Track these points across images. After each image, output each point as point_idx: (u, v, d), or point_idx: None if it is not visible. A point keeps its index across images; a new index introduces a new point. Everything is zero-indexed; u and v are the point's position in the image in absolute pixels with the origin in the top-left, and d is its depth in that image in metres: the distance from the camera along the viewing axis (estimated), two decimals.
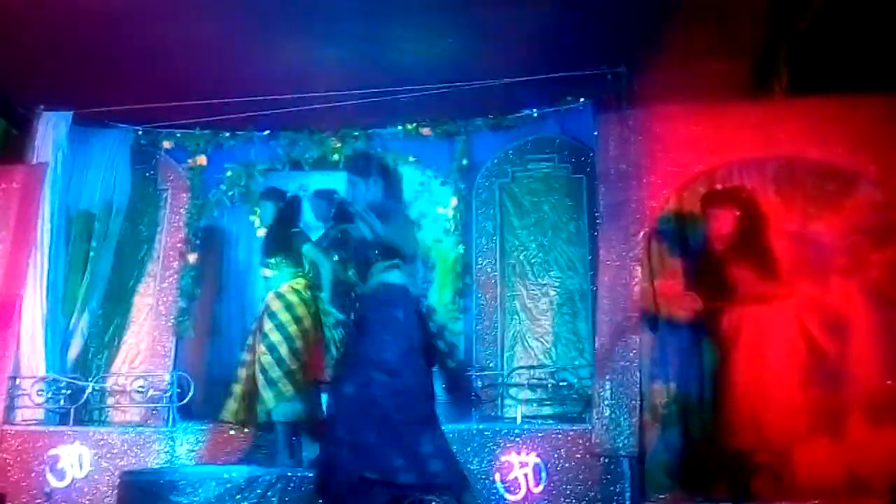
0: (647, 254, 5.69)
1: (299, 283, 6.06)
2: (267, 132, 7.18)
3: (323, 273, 5.90)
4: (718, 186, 5.74)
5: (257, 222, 7.28)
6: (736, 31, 5.91)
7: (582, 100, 6.60)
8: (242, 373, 5.97)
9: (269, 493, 4.93)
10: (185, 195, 7.07)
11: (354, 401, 4.37)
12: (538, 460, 5.41)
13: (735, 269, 5.26)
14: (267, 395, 5.68)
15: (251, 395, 5.87)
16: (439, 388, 5.69)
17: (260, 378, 5.73)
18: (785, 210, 5.71)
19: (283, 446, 5.70)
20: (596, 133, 6.07)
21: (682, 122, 5.78)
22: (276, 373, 5.70)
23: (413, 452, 4.29)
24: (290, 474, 5.05)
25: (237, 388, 5.95)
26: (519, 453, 5.44)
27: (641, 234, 5.65)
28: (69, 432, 5.91)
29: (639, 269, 5.58)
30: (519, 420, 5.86)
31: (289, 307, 5.92)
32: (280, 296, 5.98)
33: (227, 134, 7.16)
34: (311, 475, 4.94)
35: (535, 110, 6.80)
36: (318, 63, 6.28)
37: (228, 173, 7.13)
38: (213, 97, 6.54)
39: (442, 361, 5.58)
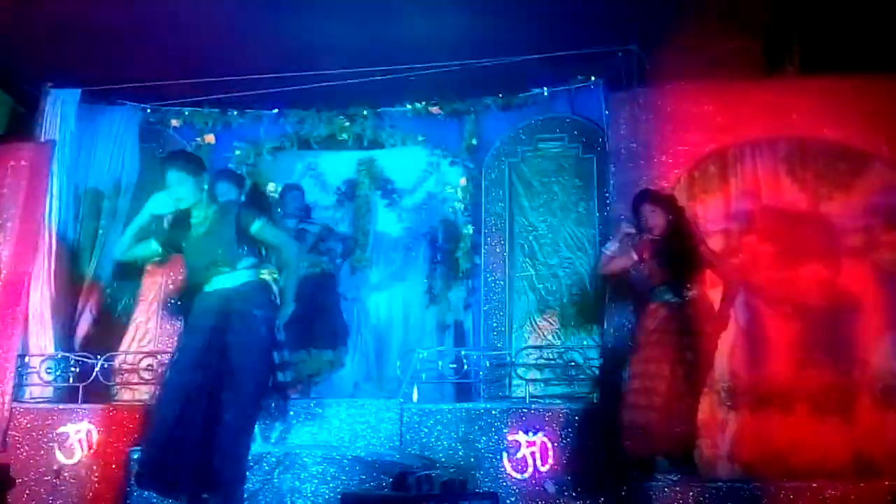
0: None
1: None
2: (275, 111, 7.16)
3: None
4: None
5: None
6: (748, 10, 5.88)
7: (592, 79, 6.58)
8: None
9: (276, 471, 4.95)
10: None
11: None
12: (545, 440, 5.40)
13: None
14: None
15: None
16: None
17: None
18: (796, 190, 5.68)
19: None
20: (606, 112, 6.06)
21: (694, 102, 5.75)
22: None
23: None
24: (297, 452, 5.06)
25: None
26: (526, 433, 5.43)
27: None
28: (78, 410, 5.91)
29: None
30: (527, 400, 5.85)
31: None
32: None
33: (236, 112, 7.15)
34: (317, 452, 4.98)
35: (545, 89, 6.78)
36: (326, 41, 6.26)
37: (237, 152, 7.12)
38: (221, 75, 6.53)
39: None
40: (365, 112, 7.09)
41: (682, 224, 5.16)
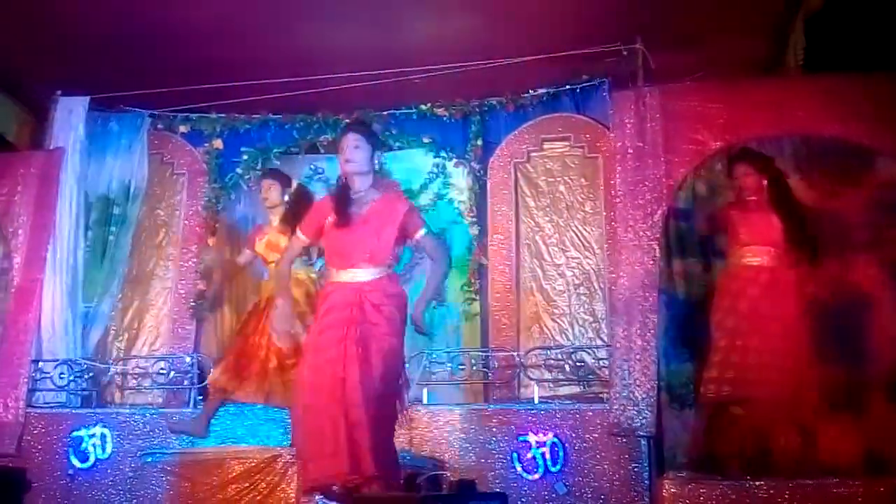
0: (664, 233, 5.67)
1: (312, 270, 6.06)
2: (281, 115, 7.17)
3: None
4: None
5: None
6: (753, 8, 5.87)
7: (597, 78, 6.57)
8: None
9: (290, 472, 4.97)
10: (202, 179, 7.06)
11: None
12: (556, 440, 5.42)
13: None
14: None
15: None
16: None
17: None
18: (803, 187, 5.70)
19: None
20: (612, 111, 6.03)
21: (699, 100, 5.74)
22: None
23: None
24: None
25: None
26: (536, 433, 5.45)
27: (659, 212, 5.62)
28: (91, 414, 5.97)
29: (656, 247, 5.56)
30: (536, 400, 5.86)
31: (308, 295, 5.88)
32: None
33: (243, 117, 7.16)
34: None
35: (550, 89, 6.77)
36: (331, 45, 6.29)
37: (245, 157, 7.12)
38: (227, 81, 6.56)
39: None
40: (371, 115, 7.09)
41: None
